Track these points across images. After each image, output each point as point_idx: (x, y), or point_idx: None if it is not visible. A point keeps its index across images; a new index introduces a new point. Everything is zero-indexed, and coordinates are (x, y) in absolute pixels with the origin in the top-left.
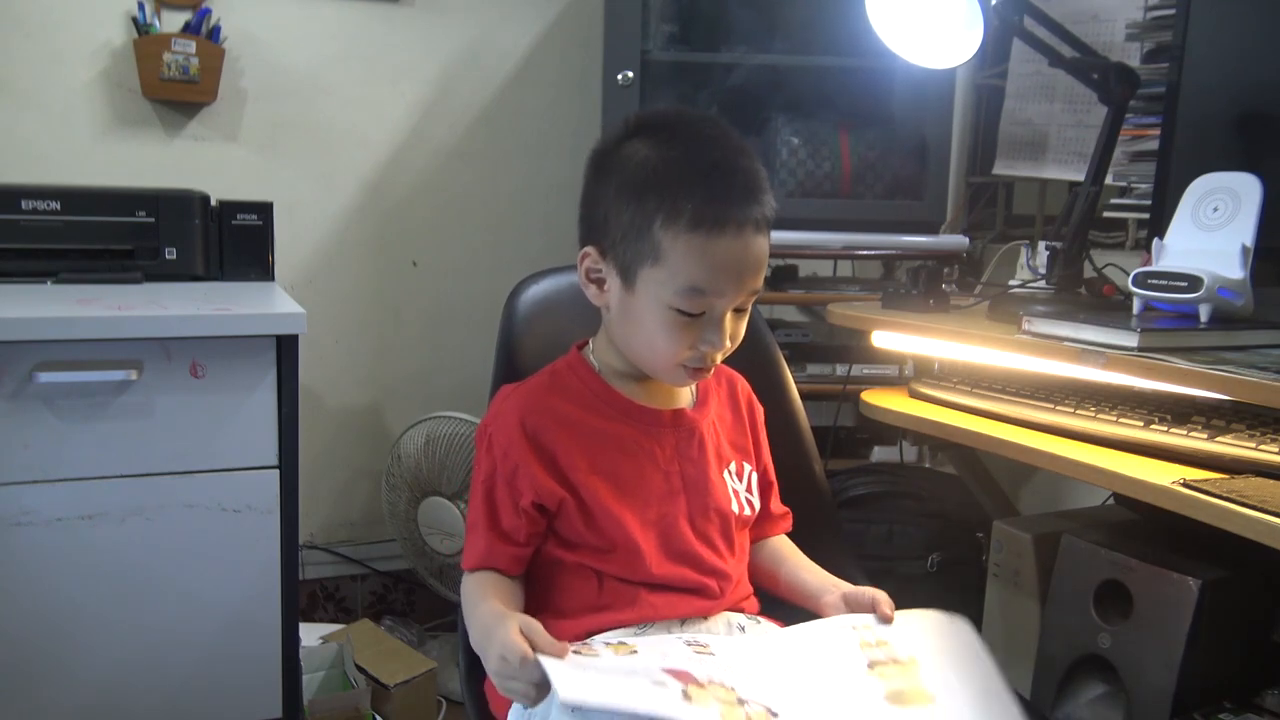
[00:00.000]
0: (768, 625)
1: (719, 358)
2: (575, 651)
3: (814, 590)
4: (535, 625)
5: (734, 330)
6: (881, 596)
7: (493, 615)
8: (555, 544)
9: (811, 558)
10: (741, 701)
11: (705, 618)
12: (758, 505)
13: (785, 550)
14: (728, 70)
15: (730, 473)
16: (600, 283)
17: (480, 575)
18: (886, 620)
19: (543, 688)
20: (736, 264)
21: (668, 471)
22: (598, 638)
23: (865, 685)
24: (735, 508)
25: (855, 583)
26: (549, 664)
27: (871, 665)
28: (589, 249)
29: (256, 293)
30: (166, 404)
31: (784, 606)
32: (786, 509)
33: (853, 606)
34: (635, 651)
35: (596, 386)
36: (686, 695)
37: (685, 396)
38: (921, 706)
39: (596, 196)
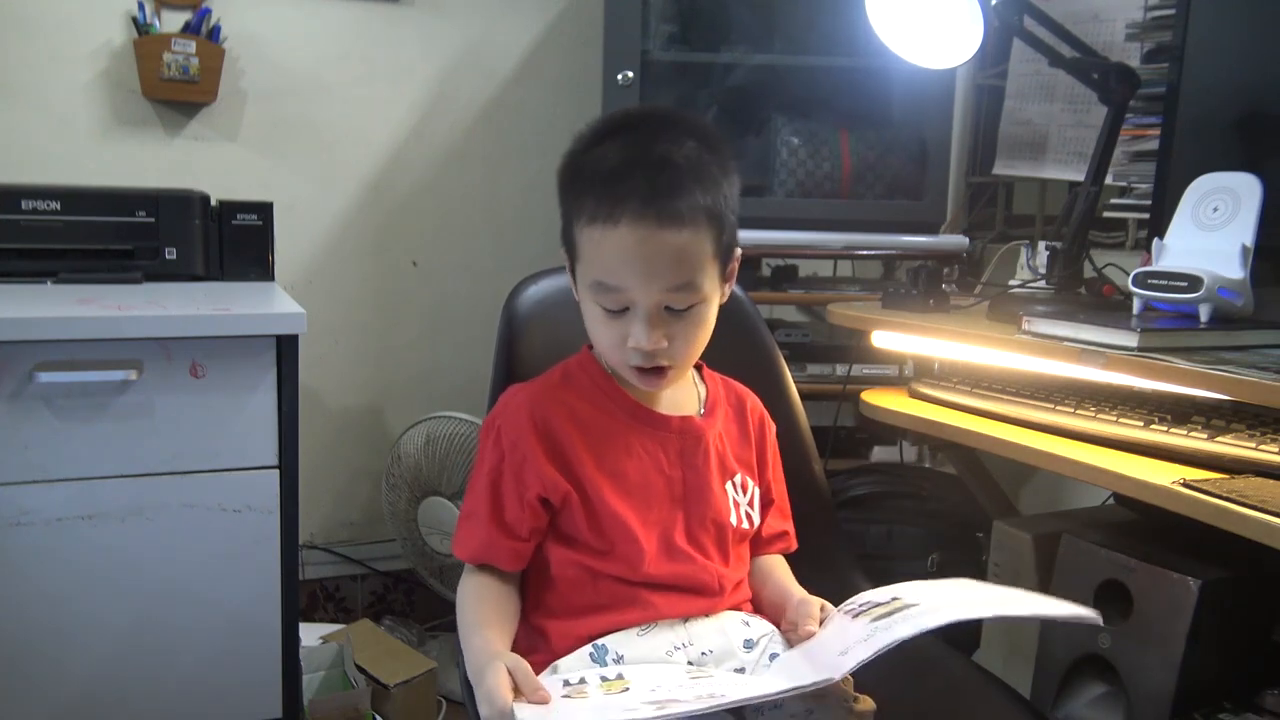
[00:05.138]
0: (769, 624)
1: (666, 359)
2: (565, 695)
3: (783, 605)
4: (522, 667)
5: (676, 330)
6: (813, 610)
7: (484, 654)
8: (554, 540)
9: (811, 558)
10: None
11: (708, 615)
12: (758, 521)
13: (772, 567)
14: (728, 70)
15: (734, 484)
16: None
17: (477, 579)
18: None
19: None
20: (634, 258)
21: (670, 476)
22: (592, 671)
23: (850, 628)
24: (734, 520)
25: (856, 584)
26: (520, 712)
27: (856, 615)
28: (563, 248)
29: (256, 293)
30: (166, 404)
31: None
32: (786, 529)
33: (797, 615)
34: (628, 688)
35: (606, 386)
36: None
37: (692, 403)
38: (904, 611)
39: None
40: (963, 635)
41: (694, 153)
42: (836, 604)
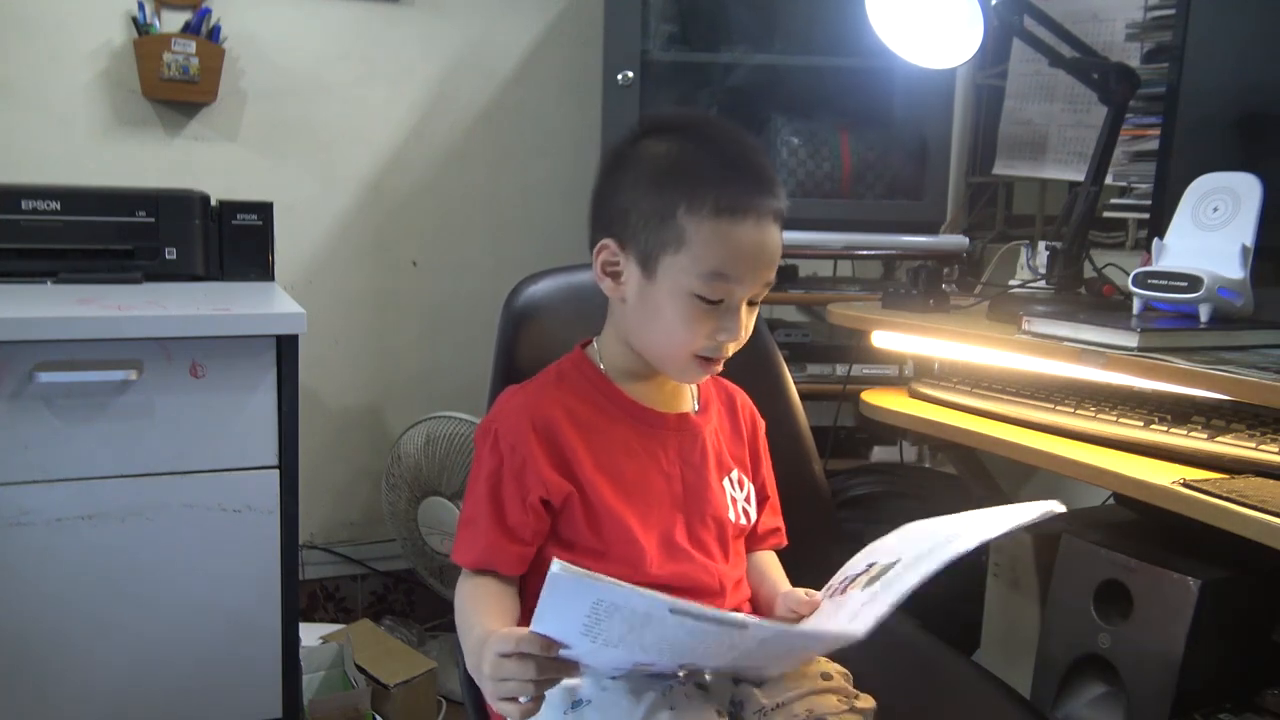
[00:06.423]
0: None
1: (732, 349)
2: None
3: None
4: (521, 629)
5: (747, 322)
6: (800, 595)
7: (482, 635)
8: (553, 543)
9: (811, 558)
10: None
11: None
12: (754, 516)
13: (767, 566)
14: (728, 70)
15: (731, 481)
16: (616, 275)
17: (475, 581)
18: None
19: (541, 683)
20: (755, 251)
21: (669, 475)
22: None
23: (845, 601)
24: (732, 516)
25: None
26: (556, 565)
27: (843, 592)
28: (607, 241)
29: (256, 293)
30: (166, 404)
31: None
32: (778, 525)
33: (788, 604)
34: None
35: (602, 386)
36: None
37: (688, 400)
38: (890, 573)
39: (614, 190)
40: (963, 635)
41: (768, 158)
42: None
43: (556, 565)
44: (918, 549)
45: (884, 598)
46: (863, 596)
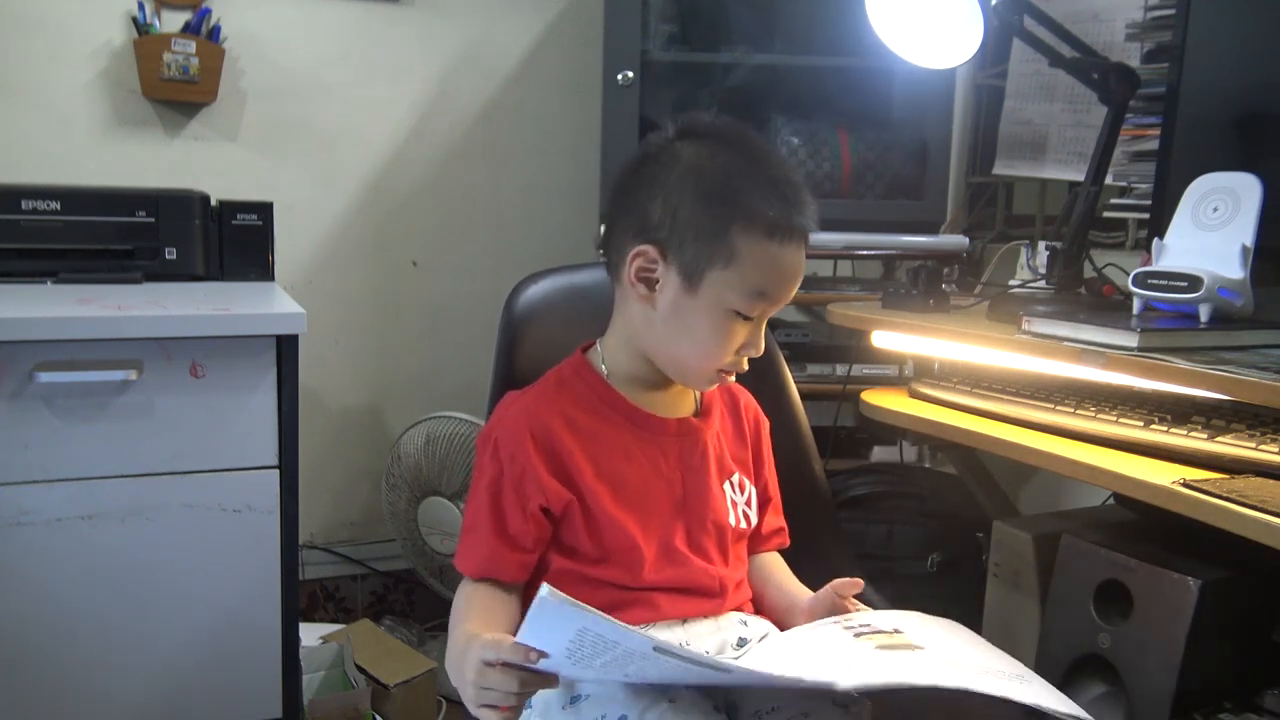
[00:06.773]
0: (768, 624)
1: (746, 364)
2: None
3: (789, 606)
4: (505, 637)
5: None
6: (838, 583)
7: (463, 639)
8: (554, 549)
9: (811, 558)
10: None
11: (710, 616)
12: (755, 519)
13: (772, 567)
14: (728, 70)
15: (732, 484)
16: (650, 283)
17: (476, 587)
18: (846, 597)
19: (523, 695)
20: (794, 273)
21: (670, 480)
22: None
23: (852, 645)
24: (732, 520)
25: None
26: (544, 590)
27: (857, 635)
28: (645, 248)
29: (256, 293)
30: (166, 404)
31: None
32: (781, 525)
33: (816, 610)
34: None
35: (604, 392)
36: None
37: (689, 405)
38: (910, 651)
39: (641, 192)
40: None
41: None
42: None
43: (545, 589)
44: (947, 655)
45: (884, 673)
46: (869, 655)
